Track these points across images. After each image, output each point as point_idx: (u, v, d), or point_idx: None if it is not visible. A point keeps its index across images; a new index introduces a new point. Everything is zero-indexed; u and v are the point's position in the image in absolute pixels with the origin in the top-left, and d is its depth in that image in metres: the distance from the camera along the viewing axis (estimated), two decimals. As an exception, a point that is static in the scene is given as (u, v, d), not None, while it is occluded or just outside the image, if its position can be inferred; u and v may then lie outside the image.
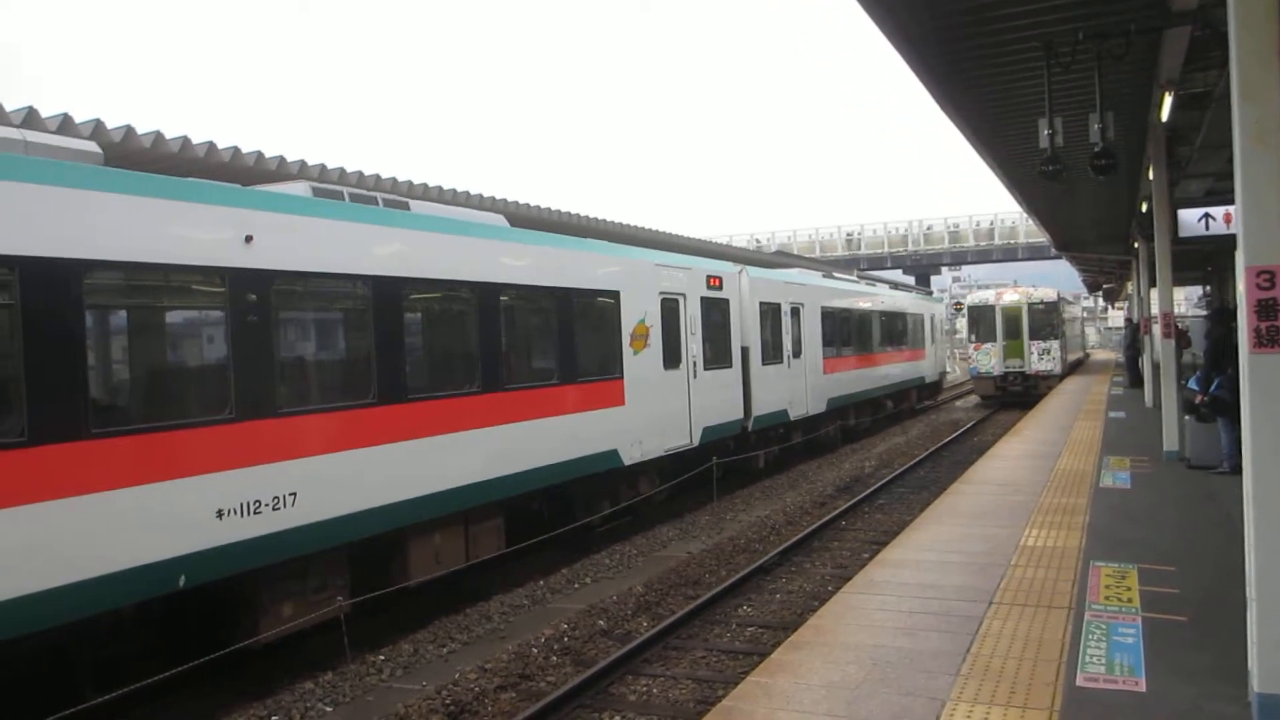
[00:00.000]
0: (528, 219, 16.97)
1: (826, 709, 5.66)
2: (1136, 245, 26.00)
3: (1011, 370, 34.35)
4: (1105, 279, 52.73)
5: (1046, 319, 34.80)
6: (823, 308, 23.22)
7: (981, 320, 35.38)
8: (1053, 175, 11.62)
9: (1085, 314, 77.25)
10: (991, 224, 57.60)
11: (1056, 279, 42.14)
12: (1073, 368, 43.10)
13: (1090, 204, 24.33)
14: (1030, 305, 34.67)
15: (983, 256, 58.92)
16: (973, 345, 35.52)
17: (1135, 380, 28.81)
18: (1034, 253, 55.78)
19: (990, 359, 34.55)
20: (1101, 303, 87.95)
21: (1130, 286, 38.05)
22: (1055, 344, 34.40)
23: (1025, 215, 37.04)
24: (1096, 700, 5.65)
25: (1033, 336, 34.34)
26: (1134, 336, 30.92)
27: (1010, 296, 35.48)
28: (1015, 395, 33.76)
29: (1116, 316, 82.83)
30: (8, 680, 7.04)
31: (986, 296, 37.08)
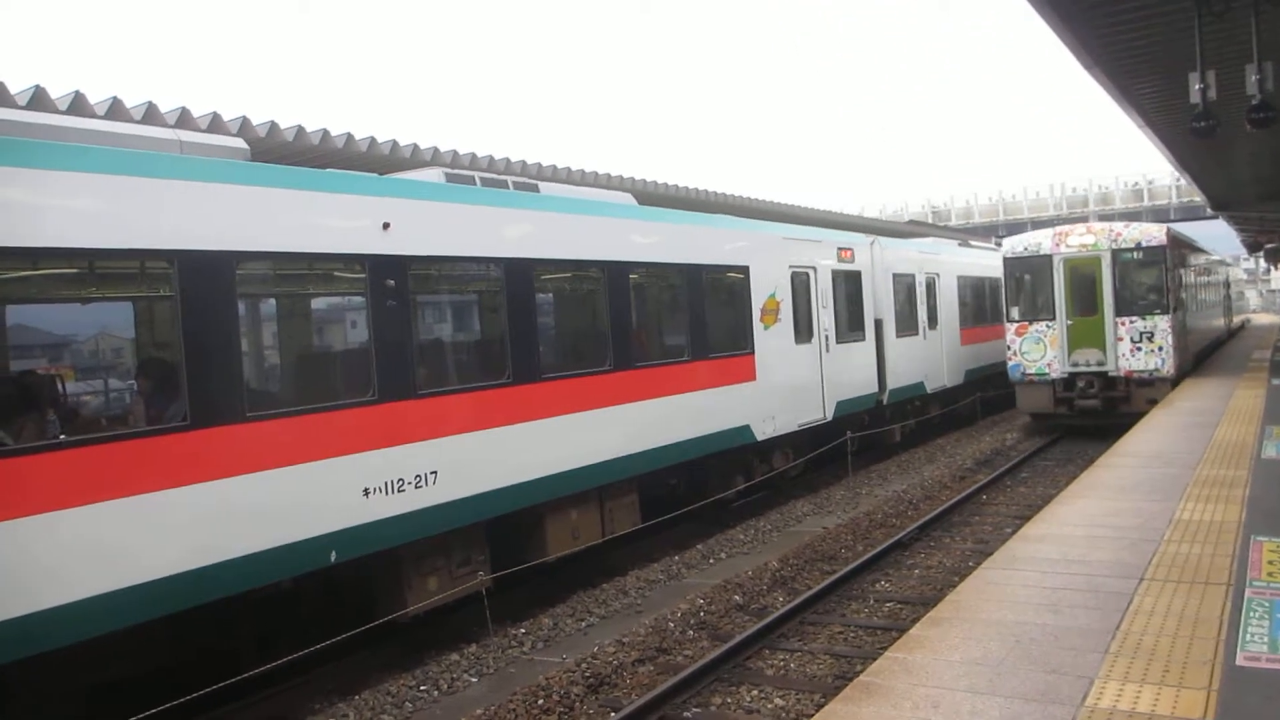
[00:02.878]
0: (655, 196, 17.02)
1: (967, 685, 5.54)
2: (1302, 201, 24.37)
3: (1082, 370, 19.67)
4: (1267, 238, 49.76)
5: (1149, 278, 19.88)
6: (959, 277, 22.62)
7: (1033, 282, 20.54)
8: (1204, 132, 11.00)
9: (1246, 276, 72.55)
10: (1139, 185, 55.04)
11: (1213, 241, 36.99)
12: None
13: (1249, 159, 22.98)
14: (1117, 253, 19.64)
15: (1131, 218, 56.19)
16: (1013, 327, 20.36)
17: (1302, 345, 26.81)
18: (1187, 213, 52.95)
19: (1043, 351, 19.92)
20: (1263, 264, 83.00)
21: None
22: (1162, 322, 19.24)
23: (1177, 174, 34.87)
24: (1259, 680, 5.37)
25: (1121, 310, 19.46)
26: (1299, 298, 28.77)
27: (1080, 239, 20.12)
28: (1089, 414, 19.62)
29: (1279, 278, 78.11)
30: (181, 649, 7.49)
31: (1037, 241, 20.62)
